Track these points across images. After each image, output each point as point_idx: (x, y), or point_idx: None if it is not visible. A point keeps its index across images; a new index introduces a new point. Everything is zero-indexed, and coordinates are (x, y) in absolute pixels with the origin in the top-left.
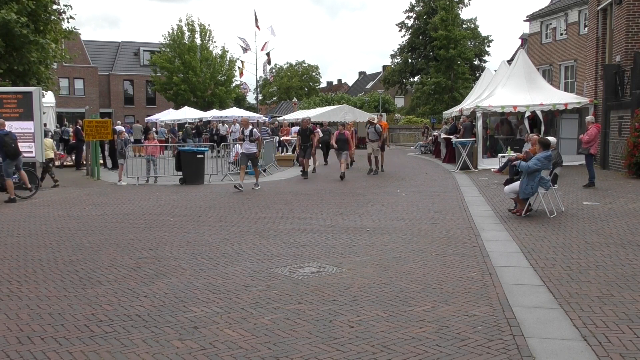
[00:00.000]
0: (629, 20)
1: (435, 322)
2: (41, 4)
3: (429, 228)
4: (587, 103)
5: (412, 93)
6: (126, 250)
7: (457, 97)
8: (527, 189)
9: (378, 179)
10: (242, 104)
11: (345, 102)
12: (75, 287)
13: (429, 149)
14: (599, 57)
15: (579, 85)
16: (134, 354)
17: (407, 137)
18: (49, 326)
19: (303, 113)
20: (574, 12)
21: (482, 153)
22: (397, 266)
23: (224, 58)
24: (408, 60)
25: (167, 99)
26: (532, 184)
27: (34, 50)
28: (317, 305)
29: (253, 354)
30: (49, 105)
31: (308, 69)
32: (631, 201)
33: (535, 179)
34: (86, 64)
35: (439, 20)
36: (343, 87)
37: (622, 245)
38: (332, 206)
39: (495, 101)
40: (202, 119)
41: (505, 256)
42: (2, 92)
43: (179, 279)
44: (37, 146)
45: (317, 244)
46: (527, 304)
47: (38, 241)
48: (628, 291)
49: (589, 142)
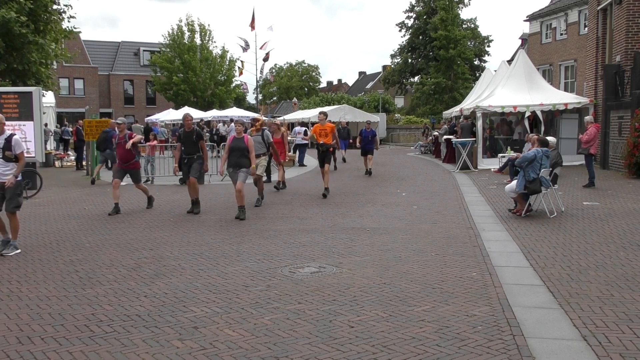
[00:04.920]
0: (629, 20)
1: (435, 322)
2: (41, 4)
3: (429, 228)
4: (587, 103)
5: (412, 93)
6: (126, 250)
7: (457, 97)
8: (521, 182)
9: (378, 179)
10: (242, 104)
11: (345, 102)
12: (75, 287)
13: (429, 149)
14: (599, 57)
15: (579, 85)
16: (134, 354)
17: (407, 137)
18: (49, 326)
19: (303, 113)
20: (574, 12)
21: (482, 153)
22: (397, 266)
23: (224, 58)
24: (408, 60)
25: (167, 99)
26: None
27: (34, 50)
28: (317, 305)
29: (253, 354)
30: (49, 105)
31: (308, 69)
32: (631, 201)
33: (532, 170)
34: (86, 64)
35: (439, 20)
36: (343, 87)
37: (622, 245)
38: (332, 206)
39: (495, 101)
40: (202, 119)
41: (505, 256)
42: (2, 92)
43: (179, 279)
44: (37, 146)
45: (317, 244)
46: (527, 304)
47: (38, 241)
48: (628, 291)
49: (588, 142)
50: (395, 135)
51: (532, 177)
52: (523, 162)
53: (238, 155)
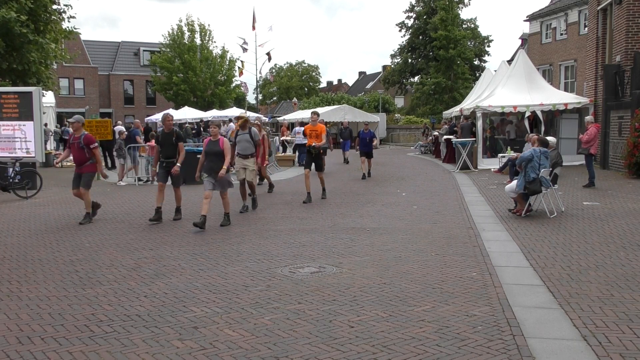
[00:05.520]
0: (629, 20)
1: (435, 322)
2: (41, 4)
3: (429, 228)
4: (587, 103)
5: (412, 93)
6: (126, 250)
7: (457, 97)
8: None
9: (378, 179)
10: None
11: (345, 102)
12: (75, 287)
13: (429, 149)
14: (599, 57)
15: (579, 85)
16: (134, 354)
17: (407, 137)
18: (49, 326)
19: (303, 113)
20: (574, 12)
21: (482, 153)
22: (397, 266)
23: (224, 58)
24: (408, 60)
25: (167, 99)
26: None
27: (34, 49)
28: (317, 305)
29: (253, 354)
30: (49, 105)
31: (308, 69)
32: (631, 201)
33: (531, 170)
34: (86, 64)
35: (439, 21)
36: (343, 87)
37: (622, 245)
38: (332, 206)
39: (495, 101)
40: (202, 119)
41: (505, 256)
42: (2, 92)
43: (179, 279)
44: (37, 146)
45: (317, 244)
46: (527, 304)
47: (38, 241)
48: (628, 291)
49: (588, 142)
50: (395, 135)
51: (532, 177)
52: (521, 162)
53: (213, 159)
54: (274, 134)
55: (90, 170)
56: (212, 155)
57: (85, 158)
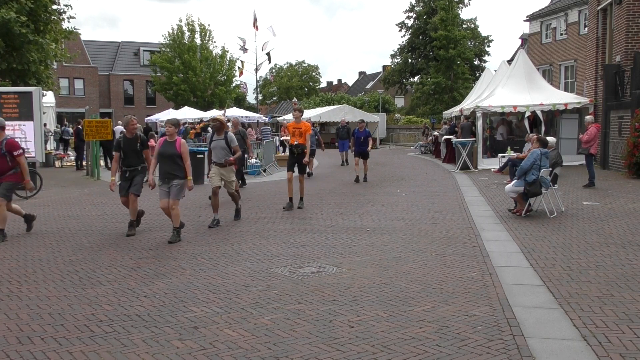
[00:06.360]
0: (629, 20)
1: (435, 322)
2: (41, 4)
3: (429, 228)
4: (587, 103)
5: (412, 93)
6: (126, 250)
7: (457, 97)
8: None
9: (378, 179)
10: (242, 104)
11: (345, 102)
12: (75, 287)
13: (429, 149)
14: (599, 57)
15: (579, 85)
16: (134, 354)
17: (407, 137)
18: (49, 326)
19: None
20: (574, 12)
21: (482, 153)
22: (397, 266)
23: (224, 58)
24: (408, 60)
25: (167, 99)
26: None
27: (34, 49)
28: (317, 305)
29: (253, 354)
30: (49, 105)
31: (308, 69)
32: (631, 201)
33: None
34: (86, 64)
35: (439, 21)
36: (343, 87)
37: (622, 245)
38: (332, 206)
39: (495, 101)
40: (202, 119)
41: (505, 256)
42: (2, 92)
43: (179, 279)
44: (37, 146)
45: (317, 244)
46: (527, 304)
47: (38, 241)
48: (628, 291)
49: (588, 142)
50: (395, 135)
51: (532, 178)
52: (521, 174)
53: (169, 163)
54: (274, 134)
55: (11, 180)
56: (167, 158)
57: (7, 166)
